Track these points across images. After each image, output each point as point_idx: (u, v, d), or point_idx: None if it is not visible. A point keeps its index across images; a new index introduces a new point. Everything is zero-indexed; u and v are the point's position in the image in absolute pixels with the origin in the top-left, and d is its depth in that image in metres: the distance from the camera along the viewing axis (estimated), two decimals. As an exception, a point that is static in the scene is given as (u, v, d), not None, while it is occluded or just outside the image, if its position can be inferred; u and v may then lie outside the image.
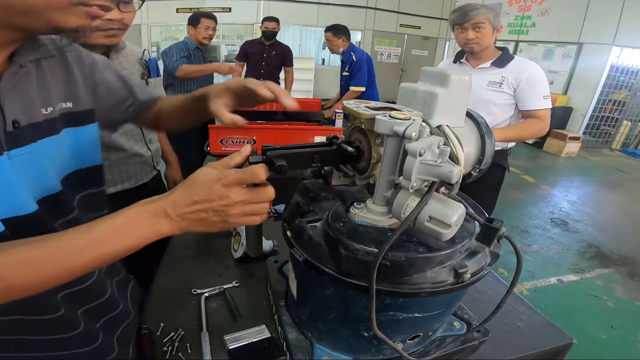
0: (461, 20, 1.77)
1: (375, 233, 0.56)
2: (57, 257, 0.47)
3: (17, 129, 0.52)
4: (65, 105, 0.62)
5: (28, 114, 0.55)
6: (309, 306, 0.71)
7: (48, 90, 0.59)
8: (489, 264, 0.61)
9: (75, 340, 0.63)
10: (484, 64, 1.84)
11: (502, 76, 1.78)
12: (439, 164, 0.47)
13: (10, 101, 0.52)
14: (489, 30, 1.76)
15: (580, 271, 2.89)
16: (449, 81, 0.62)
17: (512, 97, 1.79)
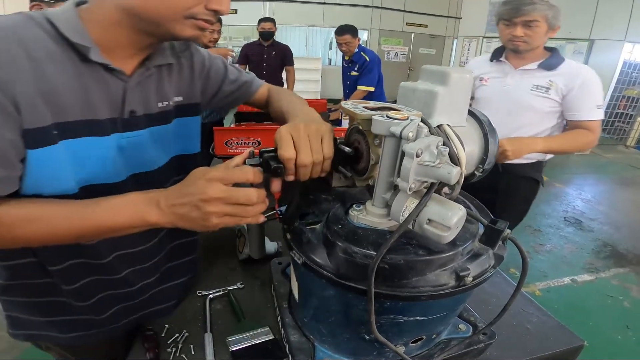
0: (511, 15, 1.49)
1: (374, 235, 0.55)
2: (53, 219, 0.56)
3: (132, 117, 0.66)
4: (177, 98, 0.77)
5: (145, 106, 0.69)
6: (310, 308, 0.70)
7: (164, 88, 0.73)
8: (493, 266, 0.60)
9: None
10: (529, 65, 1.58)
11: (549, 80, 1.53)
12: (437, 165, 0.46)
13: (132, 95, 0.66)
14: (543, 29, 1.48)
15: (595, 271, 2.84)
16: (449, 79, 0.60)
17: (559, 104, 1.55)
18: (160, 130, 0.73)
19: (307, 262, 0.58)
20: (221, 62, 0.89)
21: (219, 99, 0.89)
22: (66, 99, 0.57)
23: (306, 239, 0.59)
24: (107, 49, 0.60)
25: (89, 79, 0.59)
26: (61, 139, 0.58)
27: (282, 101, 0.84)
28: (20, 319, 0.77)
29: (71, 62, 0.57)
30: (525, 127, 1.60)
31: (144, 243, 0.78)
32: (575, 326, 0.93)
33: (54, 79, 0.55)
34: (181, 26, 0.58)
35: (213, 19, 0.60)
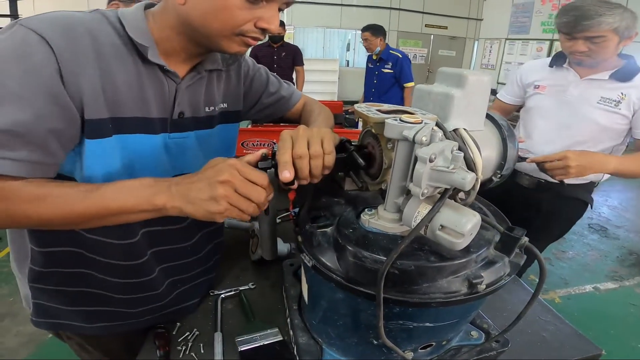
0: (569, 30, 1.27)
1: (386, 240, 0.54)
2: (68, 199, 0.54)
3: (181, 119, 0.70)
4: (222, 105, 0.80)
5: (193, 109, 0.72)
6: (319, 311, 0.70)
7: (212, 93, 0.76)
8: (508, 274, 0.58)
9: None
10: (599, 75, 1.35)
11: (621, 93, 1.30)
12: (451, 170, 0.44)
13: (182, 97, 0.69)
14: (612, 43, 1.24)
15: (619, 279, 2.75)
16: (465, 82, 0.58)
17: (629, 121, 1.33)
18: (204, 134, 0.76)
19: (316, 265, 0.57)
20: (264, 73, 0.91)
21: (256, 111, 0.91)
22: (124, 95, 0.61)
23: (317, 242, 0.59)
24: (164, 51, 0.64)
25: (145, 78, 0.63)
26: (115, 132, 0.61)
27: (311, 116, 0.87)
28: (47, 307, 0.79)
29: (133, 60, 0.61)
30: (584, 144, 1.39)
31: (181, 242, 0.81)
32: (595, 334, 0.91)
33: (115, 75, 0.59)
34: (230, 42, 0.61)
35: (261, 36, 0.63)
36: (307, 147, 0.55)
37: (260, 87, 0.89)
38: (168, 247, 0.79)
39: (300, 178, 0.55)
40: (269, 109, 0.92)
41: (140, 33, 0.61)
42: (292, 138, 0.56)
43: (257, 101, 0.90)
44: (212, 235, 0.91)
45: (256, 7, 0.59)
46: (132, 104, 0.62)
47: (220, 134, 0.81)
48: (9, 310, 2.13)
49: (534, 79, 1.53)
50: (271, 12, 0.61)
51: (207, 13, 0.58)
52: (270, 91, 0.91)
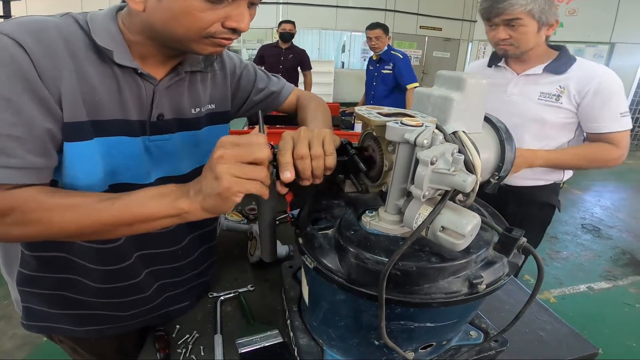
0: (487, 15, 1.26)
1: (387, 242, 0.55)
2: (94, 208, 0.55)
3: (160, 121, 0.68)
4: (209, 106, 0.79)
5: (176, 111, 0.71)
6: (320, 312, 0.70)
7: (197, 95, 0.75)
8: (507, 274, 0.59)
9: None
10: (533, 70, 1.32)
11: (560, 86, 1.28)
12: (451, 173, 0.45)
13: (161, 99, 0.67)
14: (532, 28, 1.22)
15: (612, 278, 2.79)
16: (464, 85, 0.59)
17: (574, 114, 1.29)
18: (190, 136, 0.75)
19: (318, 267, 0.58)
20: (252, 69, 0.90)
21: (247, 109, 0.90)
22: (102, 97, 0.60)
23: (318, 244, 0.59)
24: (139, 54, 0.63)
25: (122, 81, 0.62)
26: (95, 135, 0.61)
27: (308, 112, 0.85)
28: (37, 311, 0.79)
29: (106, 64, 0.60)
30: (535, 142, 1.35)
31: (168, 246, 0.80)
32: (590, 334, 0.92)
33: (91, 78, 0.59)
34: (200, 45, 0.60)
35: (233, 36, 0.61)
36: (309, 148, 0.55)
37: (248, 84, 0.88)
38: (155, 251, 0.78)
39: (302, 179, 0.55)
40: (259, 105, 0.90)
41: (106, 36, 0.59)
42: (293, 139, 0.56)
43: (246, 99, 0.88)
44: (203, 238, 0.90)
45: (221, 7, 0.56)
46: (111, 106, 0.62)
47: (209, 136, 0.79)
48: (4, 313, 2.11)
49: None
50: (239, 9, 0.58)
51: (169, 19, 0.56)
52: (259, 87, 0.89)
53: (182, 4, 0.54)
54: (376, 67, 3.49)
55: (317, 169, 0.55)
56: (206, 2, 0.54)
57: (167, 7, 0.55)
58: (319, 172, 0.55)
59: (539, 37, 1.26)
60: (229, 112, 0.85)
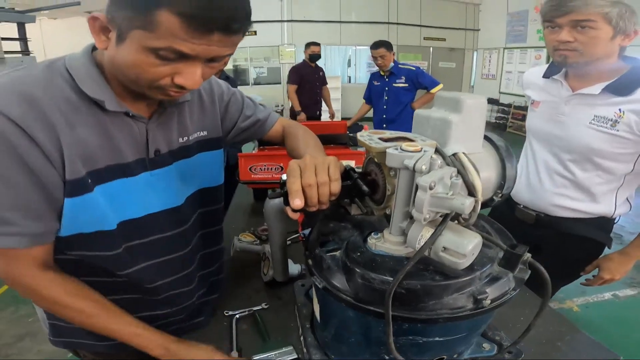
0: (553, 14, 1.06)
1: (392, 262, 0.57)
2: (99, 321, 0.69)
3: (157, 156, 0.72)
4: (201, 134, 0.81)
5: (168, 143, 0.74)
6: (332, 329, 0.73)
7: (185, 124, 0.77)
8: (514, 289, 0.60)
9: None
10: (590, 88, 1.11)
11: (619, 110, 1.06)
12: (450, 197, 0.48)
13: (154, 135, 0.70)
14: (605, 34, 1.02)
15: (637, 285, 2.71)
16: (462, 106, 0.60)
17: (634, 143, 1.08)
18: (183, 165, 0.78)
19: (327, 287, 0.60)
20: (239, 96, 0.92)
21: (234, 135, 0.92)
22: (94, 147, 0.62)
23: (326, 265, 0.62)
24: (122, 94, 0.65)
25: (111, 126, 0.64)
26: (95, 185, 0.64)
27: (299, 141, 0.87)
28: (61, 327, 0.82)
29: (92, 112, 0.62)
30: (583, 178, 1.18)
31: (181, 270, 0.83)
32: (616, 341, 0.91)
33: (79, 129, 0.60)
34: (152, 92, 0.60)
35: (183, 91, 0.61)
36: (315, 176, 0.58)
37: (236, 111, 0.90)
38: (173, 278, 0.82)
39: (310, 205, 0.58)
40: (246, 132, 0.92)
41: (93, 85, 0.61)
42: (300, 167, 0.59)
43: (234, 125, 0.90)
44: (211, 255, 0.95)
45: (173, 64, 0.56)
46: (104, 154, 0.64)
47: (203, 162, 0.82)
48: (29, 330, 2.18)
49: (531, 92, 1.33)
50: (191, 68, 0.57)
51: (122, 65, 0.57)
52: (246, 114, 0.91)
53: (133, 57, 0.54)
54: (385, 82, 3.50)
55: (323, 195, 0.58)
56: (157, 59, 0.54)
57: (122, 55, 0.56)
58: (324, 198, 0.58)
59: (611, 46, 1.05)
60: (221, 138, 0.87)
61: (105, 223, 0.67)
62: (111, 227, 0.68)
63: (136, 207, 0.71)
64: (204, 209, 0.87)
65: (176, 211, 0.78)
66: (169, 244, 0.78)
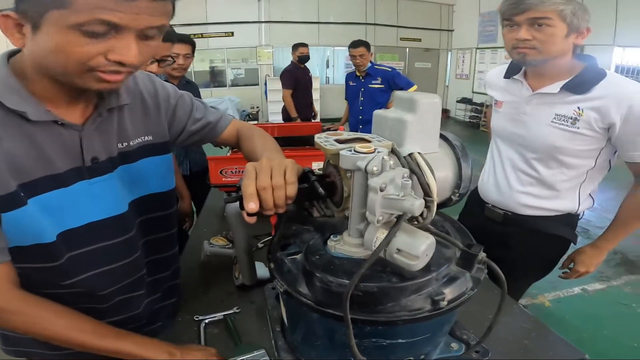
0: (512, 12, 1.09)
1: (350, 265, 0.57)
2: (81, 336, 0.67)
3: (95, 164, 0.68)
4: (145, 138, 0.78)
5: (106, 150, 0.70)
6: (299, 332, 0.72)
7: (126, 129, 0.74)
8: (471, 288, 0.61)
9: None
10: (549, 87, 1.14)
11: (577, 108, 1.09)
12: (401, 198, 0.48)
13: (90, 142, 0.67)
14: (560, 31, 1.05)
15: (606, 279, 2.80)
16: (417, 106, 0.61)
17: (597, 140, 1.11)
18: (125, 170, 0.75)
19: (288, 290, 0.60)
20: (188, 99, 0.89)
21: (183, 138, 0.90)
22: (22, 160, 0.59)
23: (287, 269, 0.61)
24: (51, 100, 0.61)
25: (40, 136, 0.61)
26: (29, 197, 0.60)
27: (256, 144, 0.85)
28: (11, 337, 0.79)
29: (17, 124, 0.58)
30: (548, 175, 1.21)
31: (128, 277, 0.80)
32: (589, 335, 0.92)
33: (6, 144, 0.57)
34: (84, 80, 0.55)
35: (120, 68, 0.56)
36: (270, 178, 0.57)
37: (184, 114, 0.87)
38: (122, 284, 0.80)
39: (265, 209, 0.57)
40: (196, 135, 0.90)
41: (12, 96, 0.57)
42: (255, 170, 0.58)
43: (182, 129, 0.88)
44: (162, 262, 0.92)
45: (103, 40, 0.52)
46: (35, 166, 0.61)
47: (148, 168, 0.79)
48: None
49: (493, 92, 1.35)
50: (124, 41, 0.53)
51: (46, 55, 0.53)
52: (195, 117, 0.88)
53: (55, 41, 0.50)
54: (361, 83, 3.52)
55: (278, 198, 0.57)
56: (84, 37, 0.50)
57: (42, 44, 0.52)
58: (280, 201, 0.57)
59: (566, 43, 1.08)
60: (168, 142, 0.85)
61: (44, 235, 0.64)
62: (51, 239, 0.65)
63: (76, 216, 0.68)
64: (152, 215, 0.84)
65: (120, 218, 0.75)
66: (114, 252, 0.76)
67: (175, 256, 0.97)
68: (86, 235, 0.70)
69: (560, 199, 1.24)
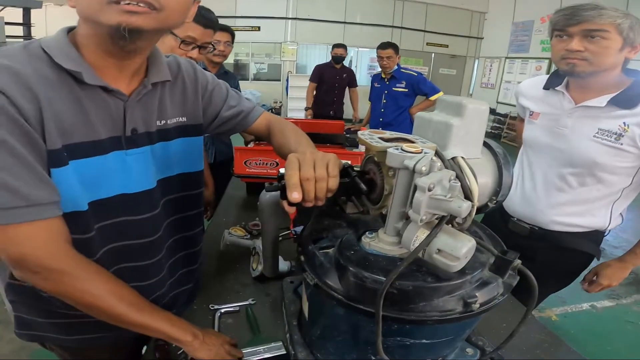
0: (565, 23, 1.07)
1: (385, 262, 0.57)
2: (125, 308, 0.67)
3: (134, 135, 0.71)
4: (180, 119, 0.81)
5: (146, 124, 0.73)
6: (319, 327, 0.72)
7: (165, 107, 0.77)
8: (502, 294, 0.60)
9: None
10: (595, 101, 1.11)
11: (623, 123, 1.06)
12: (448, 199, 0.48)
13: (133, 114, 0.70)
14: (615, 44, 1.03)
15: (616, 297, 2.77)
16: (464, 111, 0.61)
17: (636, 157, 1.08)
18: (160, 148, 0.77)
19: (319, 284, 0.60)
20: (224, 87, 0.92)
21: (217, 125, 0.92)
22: (69, 122, 0.62)
23: (319, 262, 0.61)
24: (102, 71, 0.64)
25: (87, 101, 0.64)
26: (70, 159, 0.63)
27: (290, 137, 0.87)
28: (27, 320, 0.81)
29: (68, 88, 0.62)
30: (582, 192, 1.18)
31: (149, 258, 0.81)
32: (592, 350, 0.93)
33: (56, 105, 0.60)
34: (106, 15, 0.56)
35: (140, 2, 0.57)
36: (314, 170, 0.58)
37: (220, 100, 0.90)
38: (137, 264, 0.80)
39: (306, 200, 0.57)
40: (229, 122, 0.92)
41: (69, 59, 0.61)
42: (299, 161, 0.58)
43: (217, 114, 0.90)
44: (185, 242, 0.93)
45: None
46: (79, 130, 0.63)
47: (181, 148, 0.82)
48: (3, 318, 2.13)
49: (529, 103, 1.33)
50: None
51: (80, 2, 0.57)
52: (230, 104, 0.91)
53: None
54: (385, 85, 3.51)
55: (320, 190, 0.57)
56: None
57: None
58: (321, 193, 0.57)
59: (619, 57, 1.06)
60: (201, 125, 0.87)
61: (78, 202, 0.65)
62: (83, 208, 0.66)
63: (108, 187, 0.70)
64: (181, 194, 0.86)
65: (148, 194, 0.76)
66: (140, 227, 0.77)
67: (198, 236, 0.98)
68: (115, 207, 0.71)
69: (592, 216, 1.22)
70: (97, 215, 0.70)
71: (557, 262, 1.30)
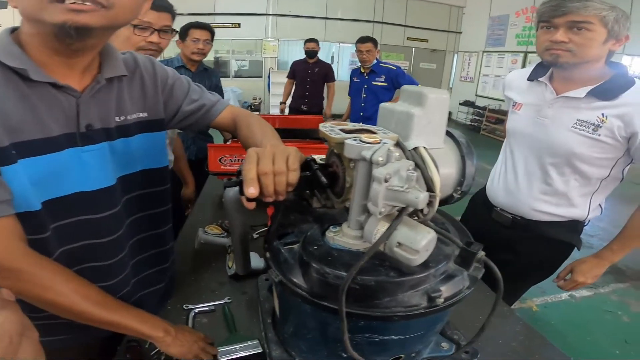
0: (551, 14, 1.07)
1: (348, 257, 0.56)
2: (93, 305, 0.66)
3: (90, 131, 0.68)
4: (141, 115, 0.79)
5: (103, 120, 0.71)
6: (291, 325, 0.71)
7: (124, 103, 0.75)
8: (468, 287, 0.60)
9: None
10: (576, 92, 1.12)
11: (602, 114, 1.08)
12: (405, 190, 0.47)
13: (87, 109, 0.68)
14: (599, 36, 1.04)
15: (593, 286, 2.81)
16: (425, 100, 0.60)
17: (615, 149, 1.10)
18: (119, 144, 0.75)
19: (283, 281, 0.59)
20: (186, 81, 0.90)
21: (179, 119, 0.89)
22: (17, 119, 0.59)
23: (283, 259, 0.60)
24: (50, 68, 0.62)
25: (35, 99, 0.61)
26: (19, 157, 0.60)
27: (255, 131, 0.84)
28: None
29: (14, 85, 0.60)
30: (561, 182, 1.20)
31: (110, 257, 0.79)
32: (572, 341, 0.94)
33: (2, 103, 0.58)
34: (50, 14, 0.54)
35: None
36: (272, 164, 0.56)
37: (181, 94, 0.87)
38: (102, 264, 0.78)
39: (265, 195, 0.56)
40: (192, 116, 0.89)
41: (13, 57, 0.59)
42: (257, 155, 0.57)
43: (178, 109, 0.88)
44: (152, 241, 0.91)
45: None
46: (28, 127, 0.61)
47: (143, 144, 0.80)
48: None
49: (513, 94, 1.34)
50: None
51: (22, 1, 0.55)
52: (192, 98, 0.89)
53: None
54: (364, 80, 3.52)
55: (279, 184, 0.55)
56: None
57: None
58: (281, 188, 0.56)
59: (603, 49, 1.07)
60: (163, 120, 0.85)
61: (30, 202, 0.63)
62: (36, 208, 0.64)
63: (62, 185, 0.67)
64: (144, 191, 0.84)
65: (107, 192, 0.74)
66: (99, 226, 0.74)
67: (167, 235, 0.96)
68: (71, 206, 0.69)
69: (571, 207, 1.24)
70: (52, 215, 0.67)
71: (538, 252, 1.32)
